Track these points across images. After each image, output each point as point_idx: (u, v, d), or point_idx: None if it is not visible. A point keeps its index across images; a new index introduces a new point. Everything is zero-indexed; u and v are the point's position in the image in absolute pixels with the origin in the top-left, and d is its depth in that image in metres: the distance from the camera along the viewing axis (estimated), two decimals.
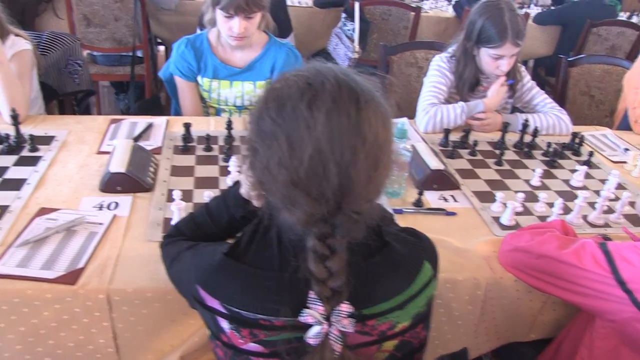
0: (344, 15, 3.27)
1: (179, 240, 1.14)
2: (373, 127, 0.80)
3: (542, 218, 1.54)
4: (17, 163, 1.61)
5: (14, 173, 1.55)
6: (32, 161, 1.61)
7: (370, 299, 0.88)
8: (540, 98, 2.15)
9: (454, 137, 1.95)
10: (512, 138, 1.99)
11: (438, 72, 2.08)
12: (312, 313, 0.82)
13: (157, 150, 1.70)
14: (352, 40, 3.19)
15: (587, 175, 1.79)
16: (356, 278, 0.84)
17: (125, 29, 3.22)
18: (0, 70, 1.76)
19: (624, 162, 1.93)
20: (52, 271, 1.20)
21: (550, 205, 1.56)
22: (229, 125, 1.77)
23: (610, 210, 1.59)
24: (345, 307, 0.83)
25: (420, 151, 1.68)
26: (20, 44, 1.91)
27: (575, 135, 2.00)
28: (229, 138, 1.75)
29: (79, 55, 2.22)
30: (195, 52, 2.03)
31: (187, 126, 1.74)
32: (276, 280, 0.87)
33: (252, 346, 0.89)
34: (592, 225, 1.53)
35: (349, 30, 3.23)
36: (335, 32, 3.33)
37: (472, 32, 1.98)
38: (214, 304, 0.90)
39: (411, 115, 2.54)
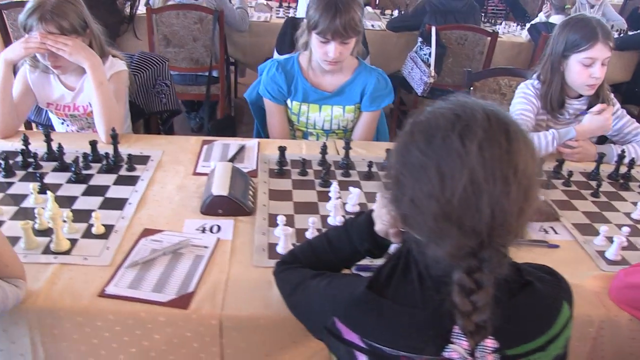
0: (420, 39, 3.24)
1: (298, 268, 1.13)
2: (523, 157, 0.79)
3: None
4: (117, 182, 1.62)
5: (115, 192, 1.57)
6: (131, 181, 1.63)
7: (514, 338, 0.86)
8: (632, 127, 2.05)
9: (547, 166, 1.88)
10: (605, 169, 1.89)
11: (524, 99, 2.01)
12: (457, 348, 0.81)
13: (253, 173, 1.69)
14: (428, 65, 3.15)
15: None
16: (500, 315, 0.81)
17: (202, 49, 3.28)
18: (100, 90, 1.80)
19: None
20: (164, 294, 1.18)
21: None
22: (324, 150, 1.74)
23: None
24: (490, 343, 0.81)
25: None
26: (118, 65, 1.95)
27: None
28: (324, 163, 1.73)
29: (167, 75, 2.26)
30: (286, 75, 2.03)
31: (282, 150, 1.72)
32: (420, 318, 0.86)
33: None
34: None
35: (425, 54, 3.19)
36: (410, 56, 3.30)
37: (558, 43, 1.90)
38: (353, 337, 0.89)
39: None
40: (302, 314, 1.06)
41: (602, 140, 2.18)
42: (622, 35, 4.09)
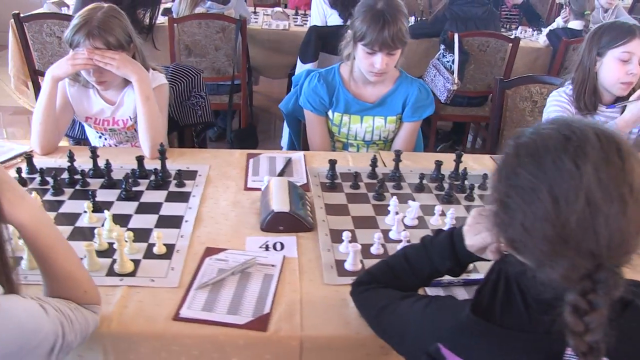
0: (442, 46, 3.23)
1: (379, 289, 1.11)
2: (637, 174, 0.78)
3: None
4: (169, 199, 1.59)
5: (168, 210, 1.53)
6: (183, 197, 1.60)
7: (628, 358, 0.84)
8: None
9: None
10: None
11: (558, 106, 1.99)
12: None
13: (305, 187, 1.67)
14: (452, 72, 3.14)
15: None
16: (612, 335, 0.79)
17: (224, 59, 3.25)
18: (147, 105, 1.78)
19: None
20: (240, 316, 1.15)
21: None
22: (374, 163, 1.73)
23: None
24: None
25: None
26: (159, 78, 1.93)
27: None
28: (375, 175, 1.72)
29: (202, 87, 2.23)
30: (328, 86, 2.01)
31: (333, 163, 1.70)
32: (530, 341, 0.84)
33: None
34: None
35: (447, 61, 3.18)
36: (433, 64, 3.29)
37: (592, 42, 1.89)
38: None
39: None
40: (393, 337, 1.04)
41: None
42: None
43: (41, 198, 1.54)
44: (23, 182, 1.60)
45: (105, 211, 1.43)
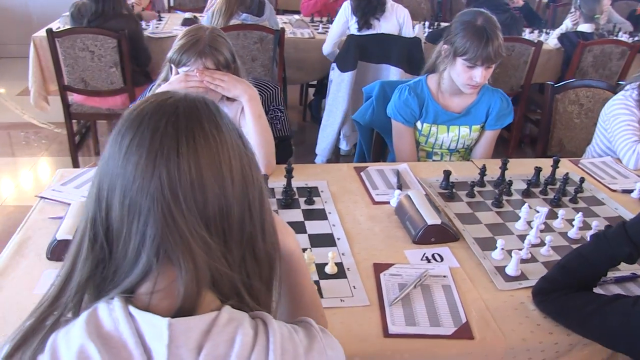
0: None
1: (570, 295, 1.22)
2: None
3: None
4: (307, 217, 1.63)
5: (315, 228, 1.58)
6: (321, 215, 1.64)
7: None
8: None
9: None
10: None
11: (626, 109, 2.15)
12: None
13: None
14: None
15: None
16: None
17: (261, 69, 3.28)
18: (259, 123, 1.80)
19: None
20: (444, 327, 1.22)
21: None
22: (483, 172, 1.83)
23: None
24: None
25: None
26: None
27: None
28: (482, 183, 1.84)
29: (280, 100, 2.26)
30: (418, 98, 2.09)
31: (448, 174, 1.79)
32: None
33: None
34: None
35: None
36: None
37: None
38: None
39: (574, 151, 2.63)
40: (612, 339, 1.14)
41: None
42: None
43: None
44: None
45: None
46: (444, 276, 1.40)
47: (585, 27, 3.70)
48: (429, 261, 1.46)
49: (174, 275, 0.72)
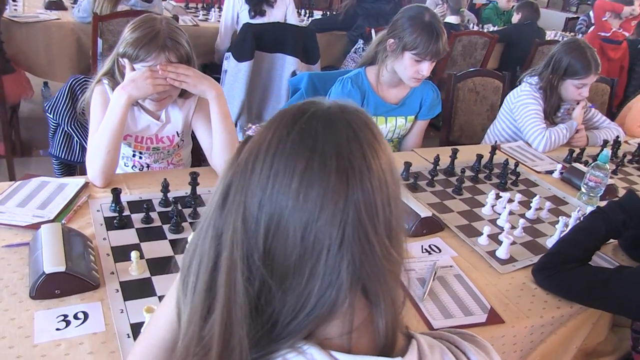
0: (361, 41, 3.47)
1: (574, 269, 1.37)
2: None
3: None
4: None
5: None
6: None
7: None
8: (599, 116, 2.64)
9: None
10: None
11: (534, 100, 2.43)
12: None
13: None
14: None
15: None
16: None
17: None
18: (225, 123, 1.65)
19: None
20: (476, 315, 1.29)
21: None
22: (437, 162, 1.93)
23: None
24: None
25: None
26: None
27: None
28: (435, 172, 1.93)
29: None
30: (359, 90, 2.11)
31: (408, 165, 1.85)
32: None
33: None
34: None
35: None
36: (351, 57, 3.51)
37: (559, 68, 2.37)
38: None
39: (471, 136, 2.89)
40: (623, 307, 1.30)
41: None
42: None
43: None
44: (121, 222, 1.41)
45: None
46: (450, 266, 1.45)
47: (452, 19, 4.03)
48: (429, 253, 1.50)
49: (367, 310, 0.66)
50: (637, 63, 4.38)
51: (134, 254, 1.24)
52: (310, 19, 4.07)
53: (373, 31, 3.42)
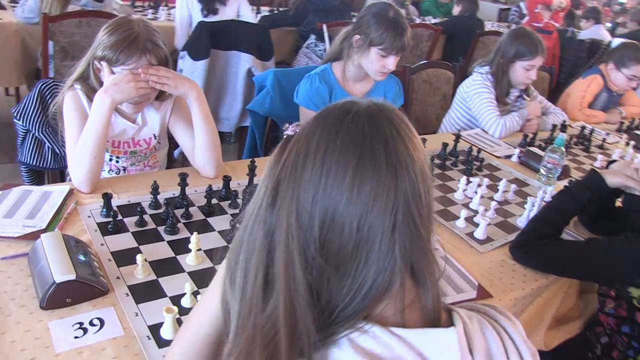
0: (313, 36, 3.51)
1: (549, 244, 1.50)
2: None
3: None
4: None
5: None
6: None
7: None
8: (545, 102, 2.83)
9: None
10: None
11: (487, 88, 2.58)
12: None
13: None
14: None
15: None
16: None
17: None
18: (207, 123, 1.67)
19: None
20: (467, 292, 1.38)
21: None
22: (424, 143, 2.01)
23: None
24: None
25: None
26: None
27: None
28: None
29: None
30: (327, 86, 2.17)
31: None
32: None
33: None
34: None
35: (320, 50, 3.49)
36: (303, 52, 3.55)
37: (509, 51, 2.53)
38: None
39: (426, 126, 3.02)
40: (600, 276, 1.44)
41: None
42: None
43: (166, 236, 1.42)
44: (116, 227, 1.41)
45: None
46: (437, 248, 1.54)
47: None
48: None
49: (414, 288, 0.72)
50: (567, 52, 4.68)
51: (139, 257, 1.25)
52: (258, 15, 4.08)
53: (324, 26, 3.48)
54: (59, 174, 1.97)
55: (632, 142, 2.62)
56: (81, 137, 1.54)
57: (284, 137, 0.77)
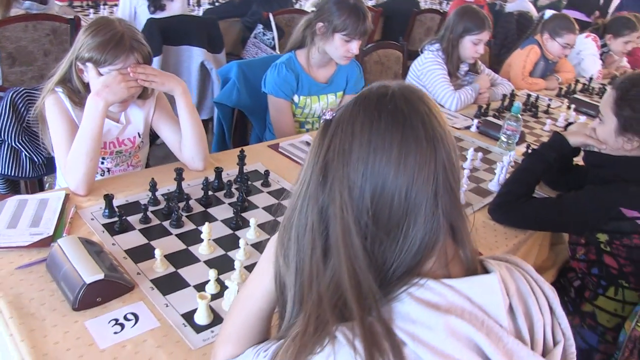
0: (261, 26, 3.54)
1: (525, 203, 1.66)
2: None
3: None
4: (283, 198, 1.69)
5: None
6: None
7: None
8: (492, 74, 3.01)
9: None
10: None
11: (439, 65, 2.72)
12: None
13: None
14: (273, 47, 3.52)
15: None
16: None
17: (55, 65, 2.85)
18: (193, 117, 1.72)
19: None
20: None
21: None
22: None
23: None
24: None
25: None
26: None
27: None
28: None
29: None
30: (294, 73, 2.23)
31: None
32: None
33: None
34: None
35: (268, 39, 3.53)
36: (252, 42, 3.57)
37: (457, 27, 2.69)
38: (634, 213, 1.49)
39: None
40: (570, 225, 1.61)
41: None
42: None
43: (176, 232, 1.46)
44: (122, 226, 1.43)
45: None
46: None
47: None
48: None
49: (453, 244, 0.82)
50: (497, 24, 4.93)
51: (157, 252, 1.29)
52: (199, 8, 4.05)
53: (271, 15, 3.53)
54: (38, 182, 1.94)
55: (573, 106, 2.85)
56: (76, 140, 1.54)
57: (323, 121, 0.85)
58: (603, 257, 1.61)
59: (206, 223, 1.39)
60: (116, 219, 1.45)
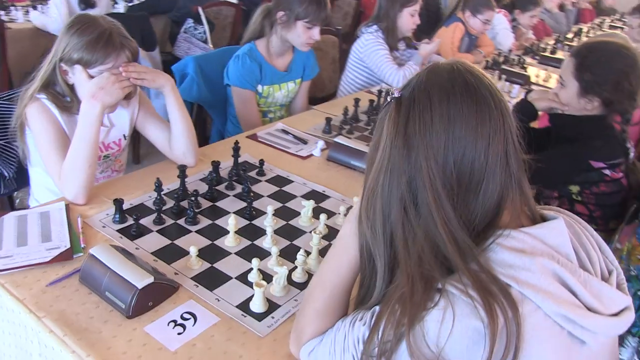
0: (191, 20, 3.45)
1: None
2: None
3: None
4: (281, 185, 1.71)
5: (297, 189, 1.69)
6: (288, 180, 1.74)
7: None
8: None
9: None
10: None
11: (380, 45, 2.83)
12: None
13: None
14: (205, 41, 3.46)
15: None
16: None
17: None
18: (182, 111, 1.68)
19: None
20: None
21: None
22: (346, 111, 2.19)
23: None
24: None
25: None
26: None
27: None
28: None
29: None
30: (256, 63, 2.24)
31: (329, 120, 2.08)
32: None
33: None
34: None
35: (199, 33, 3.45)
36: (183, 37, 3.47)
37: (395, 4, 2.80)
38: (600, 164, 1.70)
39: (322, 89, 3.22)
40: (542, 181, 1.77)
41: None
42: None
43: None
44: (139, 230, 1.39)
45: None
46: None
47: None
48: None
49: (519, 198, 0.91)
50: None
51: (193, 249, 1.28)
52: (118, 4, 3.86)
53: (200, 9, 3.47)
54: (8, 199, 1.81)
55: (504, 77, 3.08)
56: (72, 148, 1.46)
57: (394, 100, 0.91)
58: (575, 206, 1.80)
59: (232, 215, 1.39)
60: (128, 223, 1.42)
